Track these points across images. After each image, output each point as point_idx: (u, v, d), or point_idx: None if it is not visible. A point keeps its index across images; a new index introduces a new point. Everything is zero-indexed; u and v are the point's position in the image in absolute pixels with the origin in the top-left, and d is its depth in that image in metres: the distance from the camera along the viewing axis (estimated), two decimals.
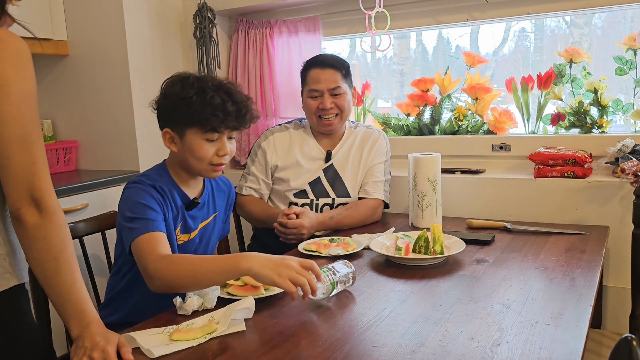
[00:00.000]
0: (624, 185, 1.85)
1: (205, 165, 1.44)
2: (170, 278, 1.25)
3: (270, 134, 2.07)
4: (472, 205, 2.09)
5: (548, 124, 2.19)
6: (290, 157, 2.02)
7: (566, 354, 0.96)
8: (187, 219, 1.50)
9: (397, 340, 1.03)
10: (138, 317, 1.46)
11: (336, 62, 1.98)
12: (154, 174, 1.47)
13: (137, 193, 1.39)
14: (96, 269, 1.76)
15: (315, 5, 2.48)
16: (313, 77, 1.98)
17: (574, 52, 2.11)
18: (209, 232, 1.59)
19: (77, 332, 1.04)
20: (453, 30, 2.58)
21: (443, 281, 1.35)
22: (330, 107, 1.96)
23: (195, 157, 1.42)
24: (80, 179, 2.27)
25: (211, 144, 1.42)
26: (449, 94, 2.37)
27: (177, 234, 1.48)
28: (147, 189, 1.40)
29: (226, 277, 1.23)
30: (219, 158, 1.44)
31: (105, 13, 2.40)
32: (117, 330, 1.13)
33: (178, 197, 1.47)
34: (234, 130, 1.45)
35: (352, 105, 2.04)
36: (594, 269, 1.39)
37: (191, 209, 1.50)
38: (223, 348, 1.04)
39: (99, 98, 2.50)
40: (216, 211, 1.60)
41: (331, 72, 1.96)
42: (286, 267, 1.18)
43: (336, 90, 1.96)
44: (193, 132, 1.40)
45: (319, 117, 1.98)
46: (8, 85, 0.96)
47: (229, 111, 1.39)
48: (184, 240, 1.50)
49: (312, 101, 1.98)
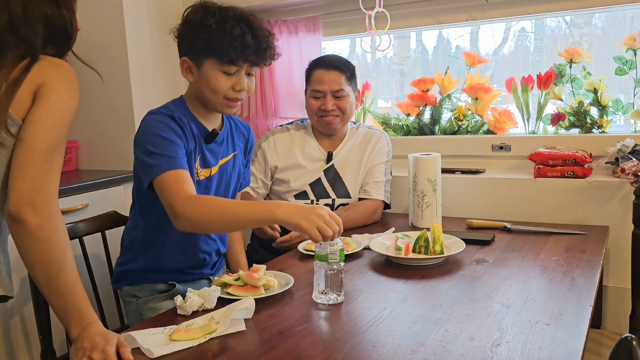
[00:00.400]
0: (624, 185, 1.85)
1: (220, 98, 1.41)
2: (199, 219, 1.26)
3: (271, 134, 2.07)
4: (472, 205, 2.09)
5: (548, 124, 2.18)
6: (291, 158, 2.02)
7: (566, 354, 0.96)
8: (206, 152, 1.48)
9: (397, 340, 1.03)
10: (165, 261, 1.47)
11: (341, 64, 1.98)
12: (171, 106, 1.45)
13: (157, 125, 1.37)
14: (96, 269, 1.76)
15: (315, 5, 2.47)
16: (317, 77, 1.98)
17: (574, 52, 2.11)
18: (229, 171, 1.57)
19: (77, 333, 1.04)
20: (453, 30, 2.58)
21: (443, 281, 1.35)
22: (332, 109, 1.96)
23: (211, 89, 1.40)
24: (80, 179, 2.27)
25: (228, 77, 1.39)
26: (449, 94, 2.37)
27: (197, 167, 1.46)
28: (166, 120, 1.38)
29: (259, 224, 1.27)
30: (235, 93, 1.41)
31: (105, 13, 2.40)
32: (146, 276, 1.12)
33: (196, 129, 1.45)
34: (253, 66, 1.42)
35: (354, 108, 2.04)
36: (594, 269, 1.39)
37: (210, 141, 1.48)
38: (223, 348, 1.04)
39: (99, 98, 2.50)
40: (235, 150, 1.59)
41: (335, 74, 1.96)
42: (316, 215, 1.21)
43: (339, 93, 1.96)
44: (210, 63, 1.38)
45: (319, 117, 1.99)
46: (55, 92, 1.07)
47: (248, 44, 1.36)
48: (205, 176, 1.48)
49: (315, 101, 1.98)
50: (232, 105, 1.44)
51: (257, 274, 1.28)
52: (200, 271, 1.57)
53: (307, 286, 1.34)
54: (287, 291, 1.30)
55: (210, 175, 1.50)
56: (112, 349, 1.00)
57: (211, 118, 1.50)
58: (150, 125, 1.39)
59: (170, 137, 1.36)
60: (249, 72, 1.43)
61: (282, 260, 1.60)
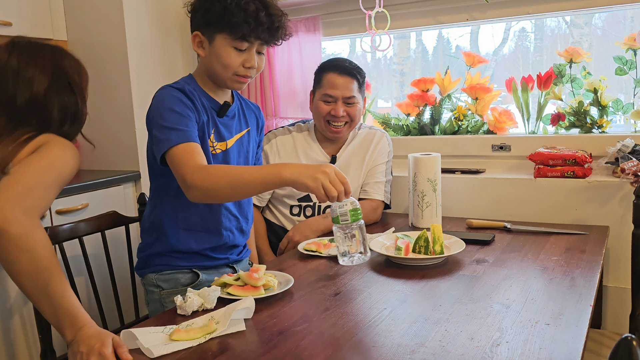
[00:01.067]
0: (624, 185, 1.85)
1: (230, 74, 1.43)
2: (209, 188, 1.27)
3: (273, 136, 2.06)
4: (472, 205, 2.09)
5: (548, 124, 2.19)
6: (293, 161, 2.01)
7: (566, 354, 0.96)
8: (219, 125, 1.49)
9: (397, 340, 1.03)
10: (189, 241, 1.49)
11: (355, 70, 1.96)
12: (182, 82, 1.47)
13: (167, 98, 1.39)
14: (96, 269, 1.76)
15: (315, 5, 2.47)
16: (330, 81, 1.95)
17: (574, 52, 2.11)
18: (245, 145, 1.57)
19: (71, 336, 1.03)
20: (453, 30, 2.58)
21: (443, 281, 1.35)
22: (342, 115, 1.94)
23: (222, 64, 1.41)
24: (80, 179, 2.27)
25: (239, 53, 1.41)
26: (449, 94, 2.37)
27: (212, 140, 1.47)
28: (176, 94, 1.40)
29: (267, 187, 1.28)
30: (245, 70, 1.43)
31: (105, 13, 2.40)
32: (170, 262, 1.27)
33: (207, 103, 1.47)
34: (264, 44, 1.43)
35: (361, 114, 2.03)
36: (594, 269, 1.39)
37: (223, 114, 1.50)
38: (223, 348, 1.04)
39: (99, 98, 2.50)
40: (249, 126, 1.60)
41: (348, 80, 1.94)
42: (322, 172, 1.23)
43: (350, 100, 1.94)
44: (222, 38, 1.39)
45: (327, 122, 1.97)
46: (52, 149, 1.15)
47: (261, 21, 1.37)
48: (221, 149, 1.49)
49: (325, 105, 1.96)
50: (241, 81, 1.45)
51: (257, 274, 1.28)
52: (226, 255, 1.57)
53: (307, 286, 1.35)
54: (287, 291, 1.30)
55: (227, 149, 1.51)
56: (108, 349, 0.99)
57: (221, 94, 1.52)
58: (161, 99, 1.40)
59: (181, 110, 1.37)
60: (259, 51, 1.44)
61: (282, 260, 1.60)
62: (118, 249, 1.93)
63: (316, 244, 1.65)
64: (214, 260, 1.54)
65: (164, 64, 2.56)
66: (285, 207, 1.99)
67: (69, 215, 2.06)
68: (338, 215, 1.25)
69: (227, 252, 1.57)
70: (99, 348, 0.99)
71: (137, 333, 1.06)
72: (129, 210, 2.32)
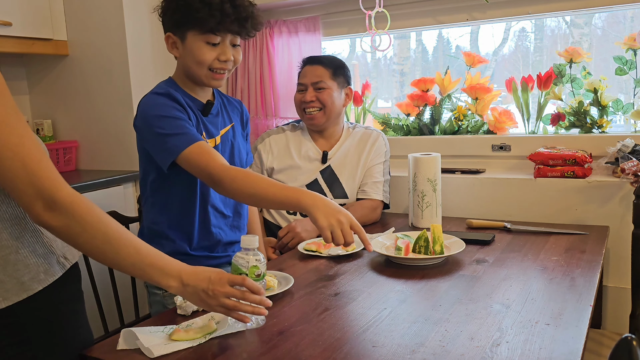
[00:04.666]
0: (624, 185, 1.85)
1: (205, 70, 1.43)
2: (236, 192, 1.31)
3: (267, 135, 2.08)
4: (472, 205, 2.09)
5: (548, 124, 2.18)
6: (287, 159, 2.02)
7: (566, 354, 0.96)
8: (207, 124, 1.51)
9: (397, 340, 1.03)
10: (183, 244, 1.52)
11: (325, 60, 2.01)
12: (163, 85, 1.48)
13: (158, 107, 1.40)
14: (96, 269, 1.76)
15: (315, 5, 2.47)
16: (302, 72, 2.02)
17: (574, 52, 2.11)
18: (230, 140, 1.59)
19: (176, 283, 1.02)
20: (453, 30, 2.58)
21: (443, 281, 1.35)
22: (311, 100, 1.97)
23: (196, 61, 1.42)
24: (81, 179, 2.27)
25: (212, 47, 1.41)
26: (449, 94, 2.37)
27: (204, 139, 1.48)
28: (164, 100, 1.41)
29: (285, 208, 1.33)
30: (220, 63, 1.43)
31: (105, 13, 2.40)
32: None
33: (191, 103, 1.48)
34: (237, 36, 1.44)
35: (340, 103, 2.01)
36: (594, 269, 1.39)
37: (207, 113, 1.51)
38: (223, 348, 1.04)
39: (99, 98, 2.50)
40: (232, 122, 1.62)
41: (318, 68, 1.99)
42: (337, 220, 1.23)
43: (319, 85, 1.97)
44: (193, 35, 1.41)
45: (302, 110, 2.01)
46: None
47: (227, 12, 1.37)
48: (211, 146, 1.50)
49: (298, 94, 2.02)
50: (218, 77, 1.46)
51: None
52: (226, 253, 1.59)
53: (307, 286, 1.35)
54: (287, 291, 1.30)
55: (217, 145, 1.53)
56: (225, 288, 1.00)
57: (202, 93, 1.53)
58: (149, 107, 1.41)
59: (174, 114, 1.39)
60: (234, 43, 1.45)
61: (282, 260, 1.60)
62: None
63: (316, 244, 1.65)
64: (215, 260, 1.55)
65: (164, 64, 2.56)
66: None
67: None
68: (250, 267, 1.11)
69: (226, 249, 1.59)
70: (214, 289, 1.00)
71: (138, 333, 1.06)
72: (129, 210, 2.31)
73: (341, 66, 2.03)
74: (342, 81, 2.02)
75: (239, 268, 1.11)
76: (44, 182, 0.91)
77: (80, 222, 0.95)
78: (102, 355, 1.04)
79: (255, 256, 1.12)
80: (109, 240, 0.98)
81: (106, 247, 0.98)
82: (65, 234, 0.96)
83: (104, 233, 0.97)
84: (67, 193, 0.94)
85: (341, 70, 2.02)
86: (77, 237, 0.96)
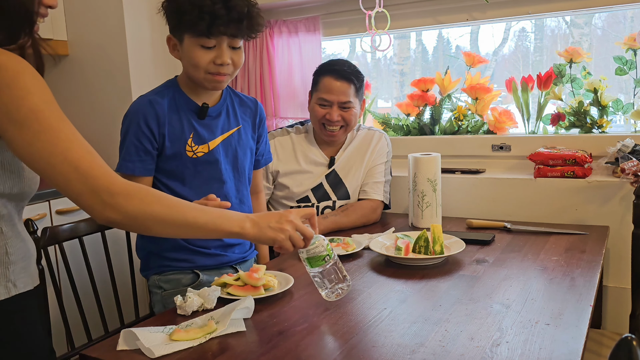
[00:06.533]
0: (624, 185, 1.85)
1: (201, 73, 1.40)
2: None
3: (272, 137, 2.05)
4: (472, 205, 2.09)
5: (548, 124, 2.19)
6: (293, 164, 2.01)
7: (566, 354, 0.96)
8: (198, 128, 1.48)
9: (397, 340, 1.03)
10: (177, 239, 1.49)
11: (352, 75, 1.93)
12: (163, 89, 1.48)
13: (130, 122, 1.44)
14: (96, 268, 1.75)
15: (315, 5, 2.47)
16: (326, 85, 1.93)
17: (574, 52, 2.11)
18: (234, 145, 1.55)
19: (249, 224, 1.06)
20: (453, 30, 2.58)
21: (443, 281, 1.35)
22: (337, 120, 1.93)
23: (191, 64, 1.39)
24: None
25: (207, 50, 1.37)
26: (449, 94, 2.37)
27: (191, 144, 1.45)
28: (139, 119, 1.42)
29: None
30: (217, 67, 1.38)
31: (105, 13, 2.40)
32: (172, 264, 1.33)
33: (186, 106, 1.46)
34: (234, 38, 1.38)
35: (358, 118, 2.01)
36: (594, 269, 1.39)
37: (203, 116, 1.48)
38: (223, 348, 1.04)
39: (99, 98, 2.50)
40: (239, 124, 1.57)
41: (344, 85, 1.91)
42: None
43: (346, 105, 1.92)
44: (188, 38, 1.38)
45: (322, 125, 1.96)
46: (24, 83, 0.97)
47: (218, 14, 1.31)
48: (203, 152, 1.47)
49: (320, 109, 1.94)
50: (217, 80, 1.41)
51: (257, 274, 1.28)
52: (226, 253, 1.57)
53: (307, 286, 1.34)
54: (287, 291, 1.30)
55: (211, 151, 1.49)
56: (293, 224, 1.08)
57: (204, 94, 1.49)
58: (128, 116, 1.44)
59: (136, 139, 1.42)
60: (232, 45, 1.39)
61: (282, 260, 1.60)
62: (118, 249, 1.93)
63: None
64: (214, 258, 1.55)
65: (164, 64, 2.56)
66: (284, 209, 1.99)
67: (69, 215, 2.06)
68: (310, 257, 1.15)
69: (226, 249, 1.58)
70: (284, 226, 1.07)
71: (138, 333, 1.06)
72: None
73: (363, 80, 1.99)
74: (361, 95, 2.00)
75: (320, 254, 1.16)
76: (98, 181, 0.92)
77: (139, 212, 0.96)
78: (102, 355, 1.04)
79: (320, 240, 1.17)
80: (174, 213, 0.99)
81: (175, 219, 0.99)
82: (132, 225, 0.97)
83: (167, 206, 0.99)
84: (121, 185, 0.94)
85: (363, 84, 1.99)
86: (141, 227, 0.98)
